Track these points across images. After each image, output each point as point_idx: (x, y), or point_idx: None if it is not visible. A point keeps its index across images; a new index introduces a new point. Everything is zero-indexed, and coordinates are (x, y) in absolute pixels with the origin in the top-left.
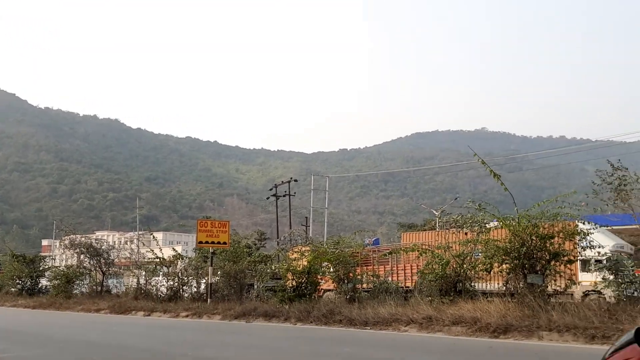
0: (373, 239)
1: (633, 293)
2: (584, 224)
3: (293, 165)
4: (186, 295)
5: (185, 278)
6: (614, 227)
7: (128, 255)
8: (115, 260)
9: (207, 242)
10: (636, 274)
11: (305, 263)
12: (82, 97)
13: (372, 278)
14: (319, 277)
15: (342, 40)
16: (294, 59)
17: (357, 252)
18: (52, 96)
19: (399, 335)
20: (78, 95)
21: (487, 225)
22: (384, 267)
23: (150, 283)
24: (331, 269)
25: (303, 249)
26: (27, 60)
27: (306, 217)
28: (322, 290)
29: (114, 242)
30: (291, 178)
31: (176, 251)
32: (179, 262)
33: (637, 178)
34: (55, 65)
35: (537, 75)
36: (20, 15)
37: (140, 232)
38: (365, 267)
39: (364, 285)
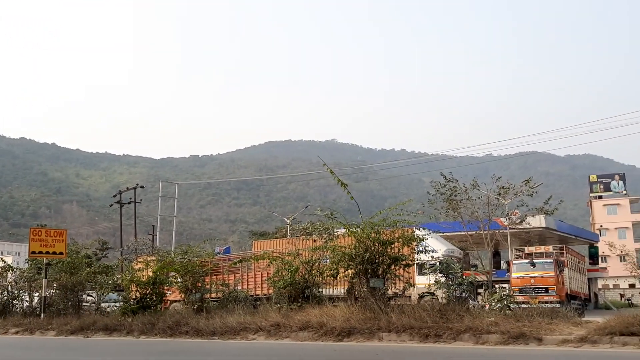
0: (224, 248)
1: (461, 294)
2: (420, 230)
3: (140, 171)
4: (17, 310)
5: (16, 291)
6: (446, 234)
7: None
8: None
9: (41, 252)
10: (464, 277)
11: (151, 273)
12: None
13: (221, 287)
14: (165, 287)
15: (199, 44)
16: (141, 56)
17: (207, 261)
18: None
19: (246, 344)
20: None
21: (335, 232)
22: (234, 276)
23: None
24: (179, 279)
25: (149, 258)
26: None
27: (153, 226)
28: (169, 302)
29: None
30: (137, 184)
31: (5, 262)
32: (9, 274)
33: (466, 189)
34: None
35: (379, 89)
36: None
37: None
38: (214, 277)
39: (213, 295)
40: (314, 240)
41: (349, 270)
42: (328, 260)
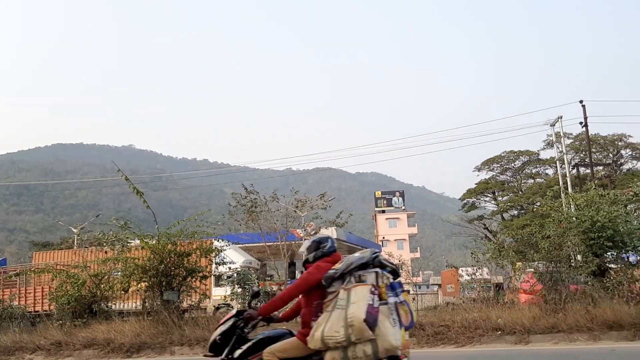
0: None
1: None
2: (219, 241)
3: None
4: None
5: None
6: (245, 245)
7: None
8: None
9: None
10: (260, 287)
11: None
12: None
13: None
14: None
15: None
16: None
17: None
18: None
19: None
20: None
21: (129, 243)
22: (10, 291)
23: None
24: None
25: None
26: None
27: None
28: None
29: None
30: None
31: None
32: None
33: (266, 201)
34: None
35: (182, 96)
36: None
37: None
38: None
39: None
40: (105, 252)
41: (142, 284)
42: (119, 273)
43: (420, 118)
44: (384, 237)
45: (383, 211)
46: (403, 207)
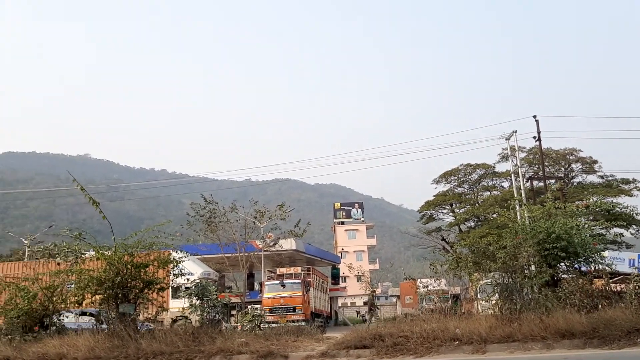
0: None
1: (215, 316)
2: (177, 252)
3: None
4: None
5: None
6: (204, 256)
7: None
8: None
9: None
10: (219, 299)
11: None
12: None
13: None
14: None
15: None
16: None
17: None
18: None
19: None
20: None
21: (83, 254)
22: None
23: None
24: None
25: None
26: None
27: None
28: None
29: None
30: None
31: None
32: None
33: (225, 212)
34: None
35: (138, 105)
36: None
37: None
38: None
39: None
40: (58, 264)
41: (97, 296)
42: (73, 286)
43: (379, 131)
44: (343, 249)
45: (342, 222)
46: (362, 219)
